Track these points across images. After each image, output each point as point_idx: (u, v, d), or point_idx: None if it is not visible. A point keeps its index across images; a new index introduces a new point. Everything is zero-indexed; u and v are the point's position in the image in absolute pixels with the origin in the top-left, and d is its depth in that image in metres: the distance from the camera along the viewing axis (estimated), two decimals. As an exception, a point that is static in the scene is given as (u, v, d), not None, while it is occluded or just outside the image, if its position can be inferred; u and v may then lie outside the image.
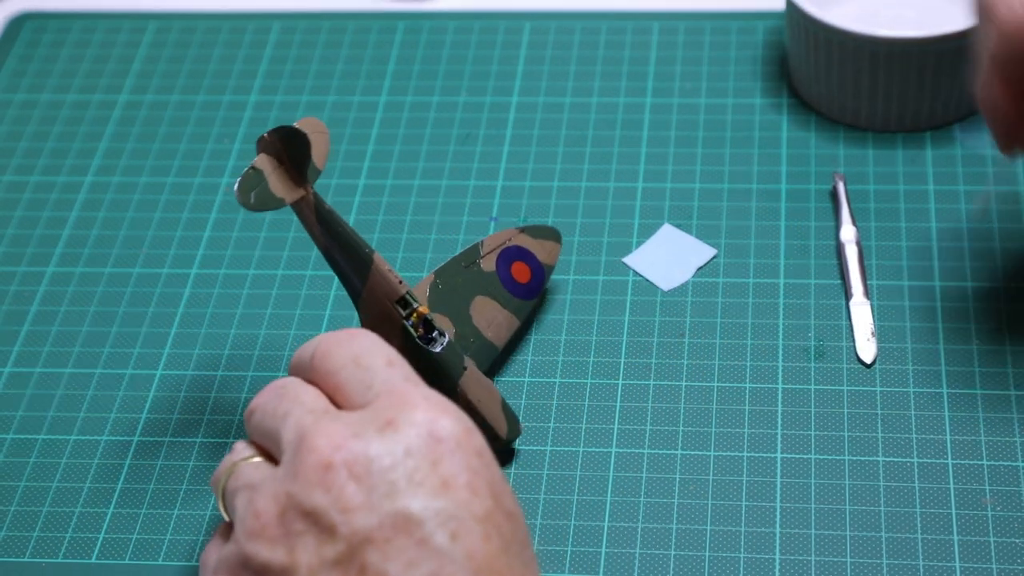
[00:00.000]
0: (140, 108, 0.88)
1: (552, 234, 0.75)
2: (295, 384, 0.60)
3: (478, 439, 0.56)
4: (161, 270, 0.79)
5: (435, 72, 0.88)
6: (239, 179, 0.64)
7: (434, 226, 0.80)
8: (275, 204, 0.64)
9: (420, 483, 0.54)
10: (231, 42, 0.91)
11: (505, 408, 0.68)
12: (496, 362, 0.72)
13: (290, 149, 0.65)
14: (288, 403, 0.59)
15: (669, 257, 0.77)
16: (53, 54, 0.92)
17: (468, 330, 0.70)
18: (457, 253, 0.73)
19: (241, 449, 0.61)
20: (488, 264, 0.72)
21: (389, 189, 0.82)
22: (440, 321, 0.69)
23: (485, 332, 0.70)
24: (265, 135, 0.64)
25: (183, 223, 0.81)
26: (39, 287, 0.79)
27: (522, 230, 0.74)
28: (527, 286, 0.72)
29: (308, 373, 0.61)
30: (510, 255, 0.73)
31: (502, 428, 0.67)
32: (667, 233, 0.78)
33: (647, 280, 0.76)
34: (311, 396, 0.59)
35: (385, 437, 0.55)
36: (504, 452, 0.69)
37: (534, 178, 0.82)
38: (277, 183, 0.64)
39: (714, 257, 0.77)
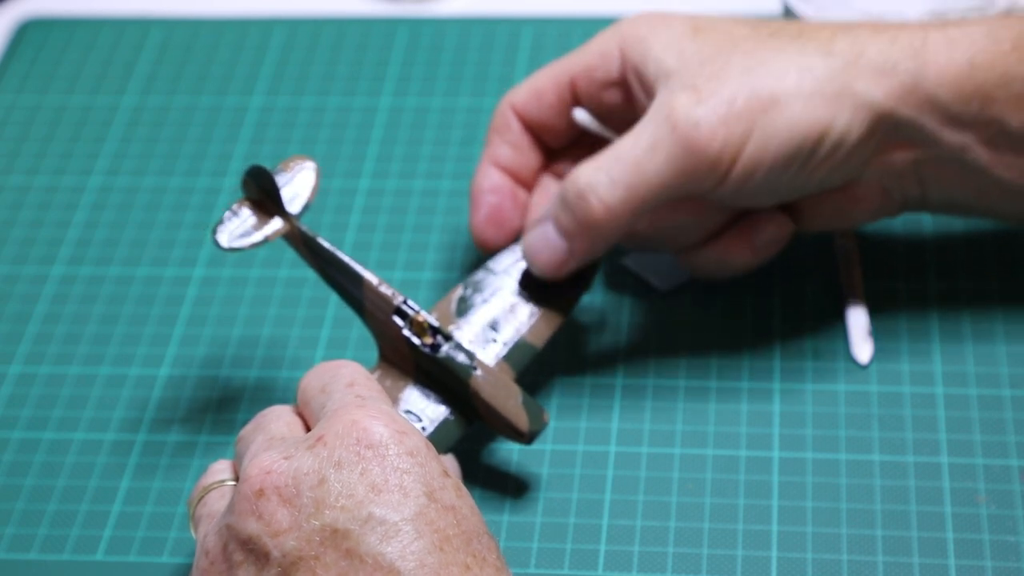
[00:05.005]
0: (144, 111, 0.89)
1: None
2: (272, 413, 0.62)
3: (412, 440, 0.57)
4: (166, 271, 0.80)
5: (436, 75, 0.89)
6: (217, 223, 0.66)
7: (435, 228, 0.80)
8: (258, 242, 0.67)
9: (349, 494, 0.55)
10: (234, 46, 0.92)
11: (527, 402, 0.67)
12: (539, 359, 0.72)
13: (263, 187, 0.67)
14: (257, 432, 0.61)
15: (667, 258, 0.77)
16: (58, 58, 0.92)
17: (500, 333, 0.70)
18: (488, 260, 0.73)
19: (216, 471, 0.63)
20: (520, 267, 0.72)
21: (391, 191, 0.83)
22: (459, 319, 0.70)
23: (519, 333, 0.70)
24: (241, 180, 0.67)
25: (188, 224, 0.82)
26: (46, 288, 0.79)
27: None
28: (564, 283, 0.72)
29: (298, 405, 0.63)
30: None
31: (522, 422, 0.67)
32: (666, 234, 0.78)
33: (646, 280, 0.77)
34: (279, 424, 0.61)
35: (314, 453, 0.56)
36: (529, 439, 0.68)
37: (534, 180, 0.82)
38: (258, 222, 0.67)
39: (712, 258, 0.77)
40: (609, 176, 0.67)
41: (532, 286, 0.71)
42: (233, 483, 0.62)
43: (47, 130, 0.88)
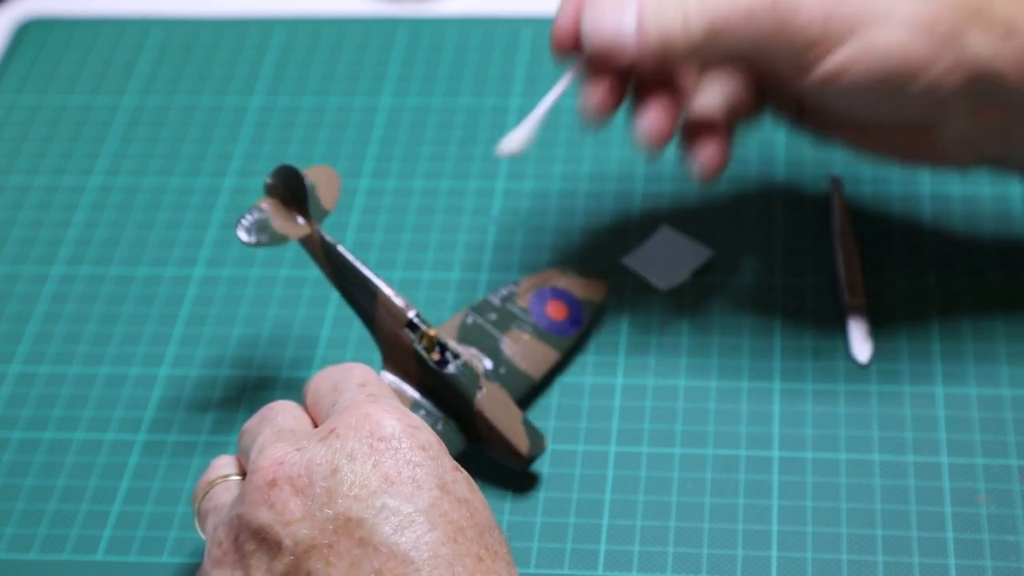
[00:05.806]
0: (144, 111, 0.89)
1: (597, 274, 0.75)
2: (279, 407, 0.62)
3: (424, 435, 0.57)
4: (166, 271, 0.80)
5: (436, 75, 0.89)
6: (241, 219, 0.67)
7: (435, 227, 0.81)
8: (279, 241, 0.67)
9: (362, 484, 0.55)
10: (234, 46, 0.92)
11: (527, 425, 0.68)
12: (535, 391, 0.72)
13: (290, 188, 0.68)
14: (264, 424, 0.61)
15: (667, 258, 0.77)
16: (58, 58, 0.92)
17: (499, 361, 0.71)
18: (490, 293, 0.74)
19: (219, 466, 0.63)
20: (522, 301, 0.73)
21: (391, 191, 0.83)
22: (458, 345, 0.70)
23: (517, 363, 0.71)
24: (268, 179, 0.68)
25: (188, 224, 0.82)
26: (46, 288, 0.79)
27: (562, 271, 0.75)
28: (563, 322, 0.73)
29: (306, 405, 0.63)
30: (545, 294, 0.73)
31: (523, 444, 0.68)
32: (665, 235, 0.78)
33: (645, 280, 0.77)
34: (286, 418, 0.61)
35: (327, 444, 0.56)
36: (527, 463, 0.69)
37: (535, 180, 0.82)
38: (281, 222, 0.68)
39: (711, 258, 0.77)
40: (701, 4, 0.67)
41: (532, 320, 0.72)
42: (237, 477, 0.62)
43: (47, 130, 0.88)
